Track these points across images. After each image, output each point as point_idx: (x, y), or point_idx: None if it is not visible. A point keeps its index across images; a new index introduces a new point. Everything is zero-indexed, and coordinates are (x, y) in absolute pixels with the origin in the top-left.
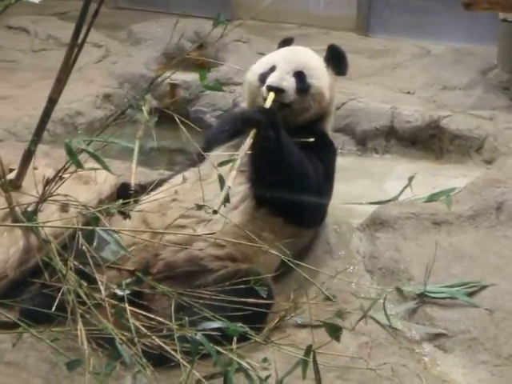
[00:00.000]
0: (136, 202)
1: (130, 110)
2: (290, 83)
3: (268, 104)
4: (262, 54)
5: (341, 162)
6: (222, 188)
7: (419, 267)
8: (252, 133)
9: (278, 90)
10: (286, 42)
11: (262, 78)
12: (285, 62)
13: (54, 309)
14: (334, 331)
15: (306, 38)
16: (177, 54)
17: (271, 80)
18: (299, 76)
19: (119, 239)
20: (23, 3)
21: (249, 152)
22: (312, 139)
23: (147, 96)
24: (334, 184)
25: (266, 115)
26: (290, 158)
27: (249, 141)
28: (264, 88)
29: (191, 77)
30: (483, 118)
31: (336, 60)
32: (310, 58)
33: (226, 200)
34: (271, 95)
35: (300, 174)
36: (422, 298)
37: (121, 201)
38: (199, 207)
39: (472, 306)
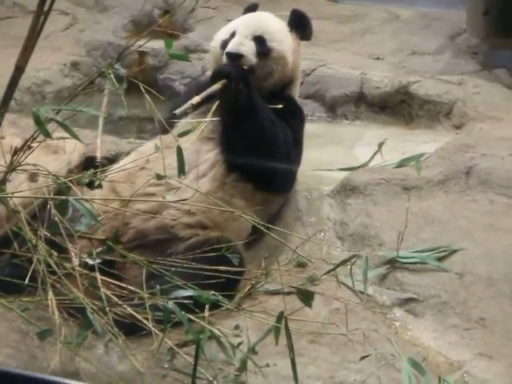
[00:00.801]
0: (104, 171)
1: (98, 79)
2: (248, 47)
3: None
4: (229, 21)
5: (311, 128)
6: (178, 158)
7: (389, 233)
8: (219, 82)
9: (237, 56)
10: (251, 9)
11: (224, 44)
12: (244, 27)
13: (26, 280)
14: (307, 297)
15: (273, 4)
16: (145, 21)
17: (229, 47)
18: (259, 40)
19: (91, 209)
20: None
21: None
22: (280, 106)
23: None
24: (304, 151)
25: (237, 69)
26: (261, 115)
27: (215, 86)
28: (224, 56)
29: (159, 44)
30: (452, 83)
31: (300, 25)
32: (270, 23)
33: (182, 170)
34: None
35: (270, 133)
36: (393, 263)
37: (91, 170)
38: (160, 177)
39: (442, 270)
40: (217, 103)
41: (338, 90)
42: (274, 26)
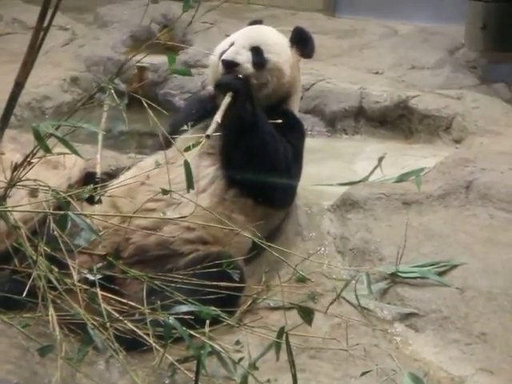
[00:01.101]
0: (105, 186)
1: (98, 94)
2: (244, 57)
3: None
4: (229, 35)
5: (310, 143)
6: (187, 173)
7: (390, 247)
8: (228, 96)
9: (233, 64)
10: (254, 24)
11: (221, 55)
12: (242, 38)
13: (24, 294)
14: (307, 314)
15: (273, 19)
16: (144, 36)
17: (225, 55)
18: (256, 51)
19: (91, 224)
20: None
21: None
22: (280, 120)
23: (113, 79)
24: (304, 166)
25: (243, 84)
26: (263, 129)
27: (227, 100)
28: (220, 64)
29: (159, 59)
30: (451, 98)
31: (301, 42)
32: (269, 35)
33: (191, 185)
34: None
35: (271, 147)
36: (394, 278)
37: (91, 185)
38: (165, 192)
39: (443, 285)
40: (227, 101)
41: (337, 104)
42: (272, 38)
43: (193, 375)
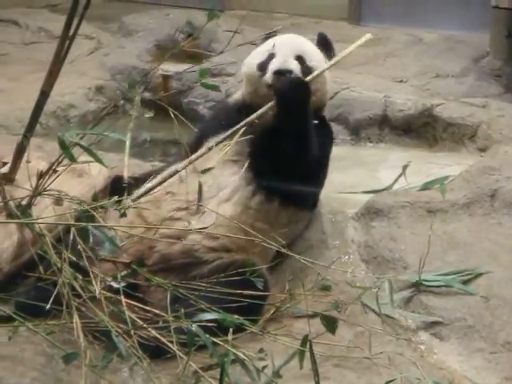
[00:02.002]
0: (130, 196)
1: (122, 103)
2: (294, 65)
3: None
4: (254, 44)
5: (335, 151)
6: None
7: (414, 256)
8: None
9: (288, 72)
10: (272, 35)
11: (262, 67)
12: (284, 48)
13: (50, 303)
14: (330, 323)
15: (297, 28)
16: (169, 45)
17: (277, 64)
18: (300, 60)
19: (114, 237)
20: None
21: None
22: (316, 121)
23: (137, 88)
24: (328, 173)
25: (306, 86)
26: (310, 135)
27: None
28: (269, 75)
29: (183, 68)
30: (476, 106)
31: (327, 47)
32: (306, 44)
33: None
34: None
35: (311, 152)
36: (418, 286)
37: (116, 197)
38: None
39: (467, 293)
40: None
41: (361, 112)
42: (309, 46)
43: (216, 383)
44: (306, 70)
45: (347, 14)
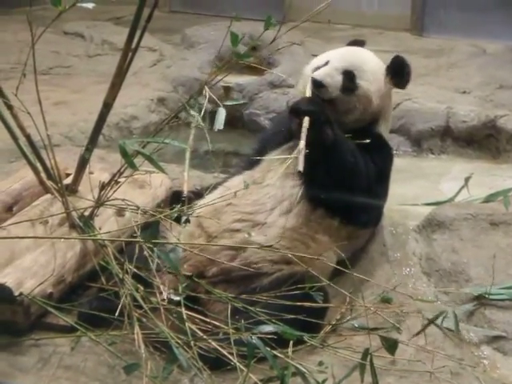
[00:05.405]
0: (191, 207)
1: (184, 114)
2: (333, 80)
3: (307, 93)
4: (316, 56)
5: (396, 163)
6: None
7: (477, 269)
8: (306, 121)
9: (320, 85)
10: (356, 43)
11: (315, 70)
12: (338, 59)
13: (116, 313)
14: (390, 346)
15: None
16: (231, 57)
17: (315, 73)
18: (348, 75)
19: (177, 250)
20: (78, 9)
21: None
22: (367, 140)
23: (200, 98)
24: (390, 185)
25: (319, 108)
26: (343, 150)
27: (305, 125)
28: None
29: (244, 79)
30: None
31: (398, 73)
32: (365, 61)
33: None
34: (309, 86)
35: (352, 168)
36: (481, 299)
37: (179, 206)
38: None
39: None
40: (305, 125)
41: (423, 124)
42: (368, 64)
43: None
44: (351, 86)
45: (410, 25)
